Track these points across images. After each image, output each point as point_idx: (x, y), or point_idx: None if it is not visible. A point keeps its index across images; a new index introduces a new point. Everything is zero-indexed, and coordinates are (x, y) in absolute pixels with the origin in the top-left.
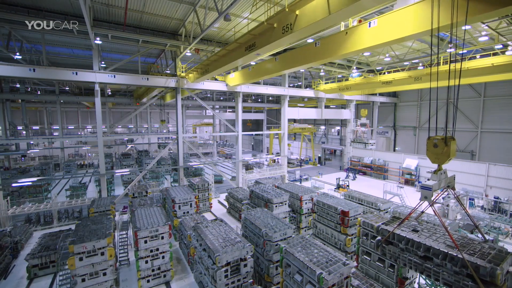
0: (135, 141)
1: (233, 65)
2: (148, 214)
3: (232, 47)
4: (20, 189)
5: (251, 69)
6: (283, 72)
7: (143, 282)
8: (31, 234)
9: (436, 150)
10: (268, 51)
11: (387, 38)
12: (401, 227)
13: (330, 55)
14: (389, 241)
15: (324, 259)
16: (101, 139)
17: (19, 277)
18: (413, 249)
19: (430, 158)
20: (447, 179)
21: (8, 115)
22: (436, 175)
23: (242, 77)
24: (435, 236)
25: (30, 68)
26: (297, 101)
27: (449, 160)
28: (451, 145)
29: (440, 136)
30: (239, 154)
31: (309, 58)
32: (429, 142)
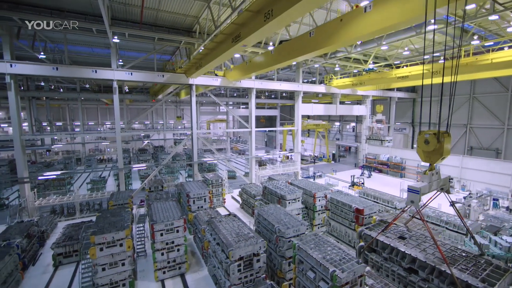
0: (151, 137)
1: (224, 58)
2: (164, 208)
3: (219, 39)
4: (45, 182)
5: (248, 63)
6: (279, 66)
7: (159, 273)
8: (55, 224)
9: (427, 147)
10: (254, 41)
11: (385, 23)
12: (386, 232)
13: (325, 45)
14: (372, 248)
15: (338, 256)
16: (119, 135)
17: (45, 264)
18: (397, 259)
19: (420, 157)
20: (440, 180)
21: (34, 112)
22: (427, 176)
23: (240, 72)
24: (424, 245)
25: (54, 67)
26: (311, 97)
27: (442, 159)
28: (445, 142)
29: (432, 131)
30: (252, 150)
31: (304, 49)
32: (419, 137)
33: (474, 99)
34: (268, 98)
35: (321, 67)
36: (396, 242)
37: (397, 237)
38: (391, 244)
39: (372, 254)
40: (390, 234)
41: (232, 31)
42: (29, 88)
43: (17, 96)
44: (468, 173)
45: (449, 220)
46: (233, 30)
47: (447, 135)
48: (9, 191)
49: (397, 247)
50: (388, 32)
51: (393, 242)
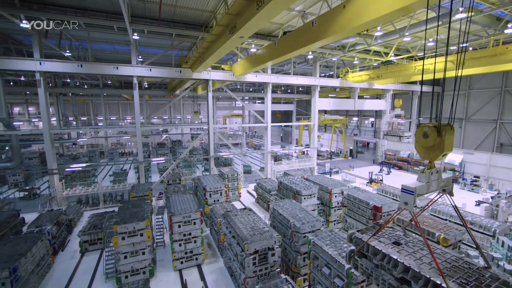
0: (169, 131)
1: (224, 51)
2: (182, 201)
3: (217, 31)
4: (72, 173)
5: (253, 57)
6: (284, 58)
7: (177, 263)
8: (81, 213)
9: (426, 141)
10: (249, 31)
11: (393, 6)
12: (380, 237)
13: (329, 34)
14: (363, 253)
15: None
16: (139, 129)
17: (73, 250)
18: (388, 267)
19: (419, 152)
20: (440, 181)
21: (61, 107)
22: (424, 175)
23: (246, 65)
24: (420, 253)
25: (78, 64)
26: (329, 91)
27: (444, 156)
28: (447, 136)
29: (433, 123)
30: (268, 145)
31: (307, 39)
32: (418, 130)
33: (506, 92)
34: (284, 92)
35: (339, 61)
36: (389, 248)
37: (391, 242)
38: (382, 250)
39: (363, 260)
40: (384, 239)
41: (228, 22)
42: (56, 84)
43: (46, 92)
44: (497, 172)
45: (474, 220)
46: (229, 21)
47: (450, 128)
48: (40, 181)
49: (389, 253)
50: (398, 16)
51: (385, 248)
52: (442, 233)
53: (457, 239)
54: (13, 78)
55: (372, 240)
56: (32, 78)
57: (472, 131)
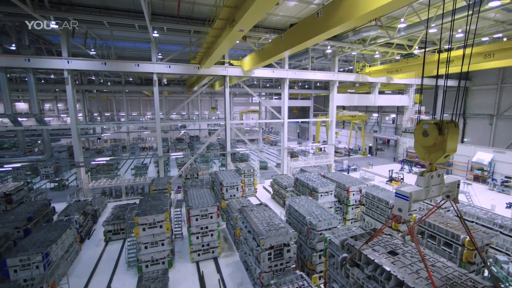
0: (187, 127)
1: (227, 45)
2: (199, 195)
3: (218, 25)
4: (97, 166)
5: (261, 51)
6: (290, 51)
7: (195, 255)
8: (106, 204)
9: (425, 140)
10: (248, 24)
11: None
12: (375, 245)
13: (335, 24)
14: (355, 262)
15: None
16: (159, 125)
17: (98, 239)
18: (381, 279)
19: (418, 153)
20: (442, 185)
21: (86, 104)
22: (423, 178)
23: (254, 60)
24: (418, 265)
25: (102, 62)
26: (347, 87)
27: (446, 158)
28: (450, 134)
29: (434, 120)
30: (285, 141)
31: (312, 31)
32: (417, 128)
33: None
34: (301, 88)
35: (359, 55)
36: (383, 258)
37: (387, 251)
38: (375, 260)
39: (354, 269)
40: (380, 247)
41: (228, 15)
42: (82, 82)
43: (73, 89)
44: None
45: (505, 223)
46: (229, 14)
47: (454, 126)
48: (69, 173)
49: (382, 264)
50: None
51: (378, 257)
52: (468, 236)
53: (484, 242)
54: (44, 76)
55: (365, 248)
56: (61, 76)
57: (504, 128)
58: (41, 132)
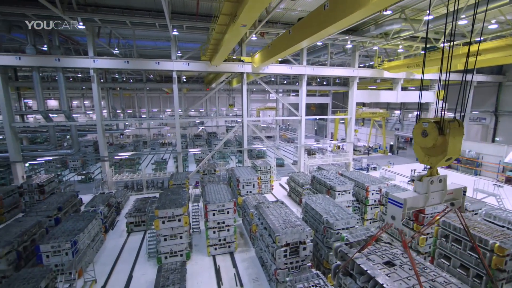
0: (205, 123)
1: (232, 40)
2: (216, 190)
3: (222, 20)
4: (120, 161)
5: (270, 47)
6: (299, 46)
7: (211, 249)
8: (128, 197)
9: (425, 141)
10: (250, 18)
11: None
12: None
13: (342, 16)
14: (348, 271)
15: (390, 255)
16: (178, 121)
17: (121, 230)
18: None
19: (417, 155)
20: (445, 192)
21: (110, 101)
22: (421, 183)
23: (263, 56)
24: (415, 280)
25: (125, 60)
26: (368, 83)
27: (448, 161)
28: (452, 135)
29: (435, 118)
30: (302, 138)
31: (320, 24)
32: (416, 127)
33: None
34: (319, 84)
35: (381, 49)
36: (377, 269)
37: (383, 262)
38: (368, 271)
39: (347, 279)
40: (376, 257)
41: (230, 10)
42: (106, 80)
43: (99, 87)
44: None
45: None
46: (232, 9)
47: (456, 125)
48: (94, 167)
49: (375, 276)
50: None
51: (372, 268)
52: (498, 241)
53: None
54: (72, 75)
55: (359, 256)
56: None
57: None
58: (69, 127)
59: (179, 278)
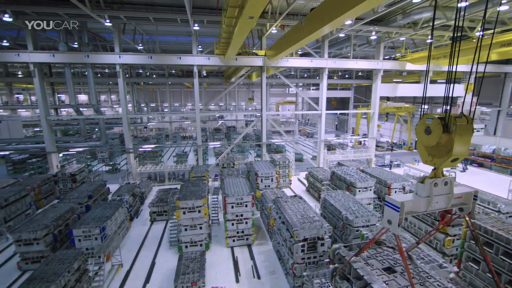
0: (225, 117)
1: (242, 33)
2: (235, 184)
3: (230, 13)
4: (143, 153)
5: (283, 40)
6: (312, 37)
7: (230, 240)
8: (151, 188)
9: (428, 139)
10: (255, 10)
11: None
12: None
13: (357, 1)
14: (345, 275)
15: (414, 255)
16: (198, 115)
17: (144, 219)
18: None
19: (420, 155)
20: (451, 196)
21: (135, 95)
22: (423, 186)
23: (277, 49)
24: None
25: (149, 56)
26: (393, 76)
27: (455, 162)
28: (459, 133)
29: (440, 114)
30: (322, 133)
31: (332, 13)
32: (419, 123)
33: None
34: (341, 78)
35: (409, 40)
36: (375, 275)
37: (384, 267)
38: (364, 277)
39: (344, 283)
40: (376, 262)
41: (237, 2)
42: (131, 75)
43: (124, 82)
44: None
45: None
46: (238, 1)
47: (465, 122)
48: (120, 158)
49: (371, 282)
50: None
51: (370, 273)
52: None
53: None
54: (100, 71)
55: (357, 260)
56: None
57: None
58: (98, 121)
59: (199, 267)
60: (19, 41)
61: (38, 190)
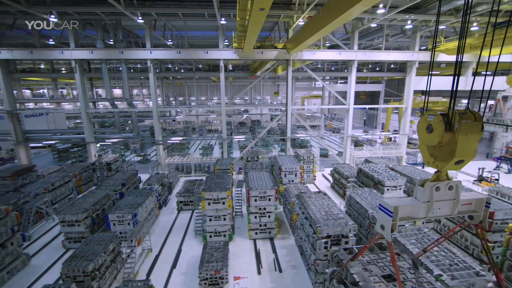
0: (250, 111)
1: (256, 26)
2: (259, 177)
3: (242, 6)
4: (171, 145)
5: (302, 31)
6: (330, 28)
7: (252, 233)
8: (178, 178)
9: (429, 138)
10: (266, 2)
11: None
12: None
13: None
14: (342, 279)
15: (447, 260)
16: (224, 109)
17: (172, 208)
18: None
19: (422, 155)
20: (457, 202)
21: (164, 89)
22: (423, 190)
23: (296, 42)
24: None
25: (177, 51)
26: (432, 68)
27: (460, 165)
28: (463, 131)
29: (442, 110)
30: (349, 128)
31: (349, 1)
32: (421, 121)
33: None
34: (371, 71)
35: (449, 29)
36: (372, 282)
37: (383, 274)
38: (360, 283)
39: (341, 287)
40: (376, 268)
41: None
42: (161, 70)
43: (155, 76)
44: None
45: None
46: None
47: (472, 119)
48: (150, 149)
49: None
50: None
51: (367, 280)
52: None
53: None
54: (132, 66)
55: (355, 265)
56: (145, 65)
57: None
58: (131, 113)
59: (222, 257)
60: (63, 40)
61: (79, 177)
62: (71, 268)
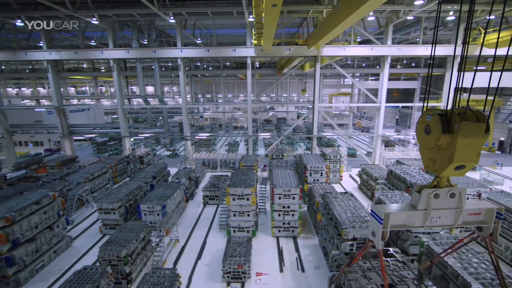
0: (275, 109)
1: (271, 23)
2: (283, 175)
3: (256, 2)
4: (199, 140)
5: (321, 26)
6: (349, 22)
7: (275, 230)
8: (205, 173)
9: (427, 140)
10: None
11: None
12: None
13: None
14: (340, 285)
15: (489, 274)
16: (250, 106)
17: (198, 201)
18: None
19: (422, 158)
20: (460, 211)
21: (193, 87)
22: (419, 196)
23: (316, 37)
24: None
25: (206, 49)
26: (474, 63)
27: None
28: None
29: (441, 110)
30: (379, 128)
31: None
32: (420, 121)
33: None
34: (406, 67)
35: (498, 18)
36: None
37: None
38: None
39: None
40: (376, 275)
41: None
42: (190, 68)
43: (184, 74)
44: None
45: None
46: None
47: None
48: (179, 144)
49: None
50: None
51: (361, 287)
52: None
53: None
54: (164, 64)
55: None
56: (175, 63)
57: None
58: (162, 110)
59: (245, 252)
60: (103, 41)
61: (114, 169)
62: (106, 253)
